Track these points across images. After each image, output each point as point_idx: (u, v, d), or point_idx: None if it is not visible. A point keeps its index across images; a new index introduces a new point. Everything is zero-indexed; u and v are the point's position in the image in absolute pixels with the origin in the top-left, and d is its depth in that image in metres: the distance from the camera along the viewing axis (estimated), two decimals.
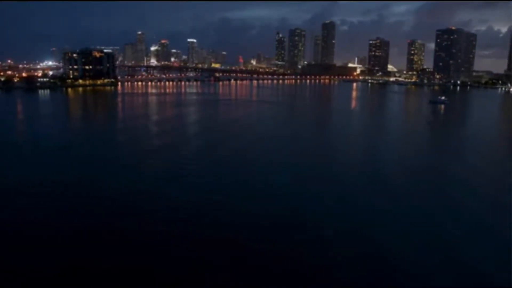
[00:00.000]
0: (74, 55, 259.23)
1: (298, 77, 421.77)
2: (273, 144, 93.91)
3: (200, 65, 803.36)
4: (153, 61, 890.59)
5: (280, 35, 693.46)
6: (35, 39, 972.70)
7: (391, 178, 69.39)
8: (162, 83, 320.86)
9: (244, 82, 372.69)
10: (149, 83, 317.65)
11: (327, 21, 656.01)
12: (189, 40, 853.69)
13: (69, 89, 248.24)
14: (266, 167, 72.61)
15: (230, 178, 65.46)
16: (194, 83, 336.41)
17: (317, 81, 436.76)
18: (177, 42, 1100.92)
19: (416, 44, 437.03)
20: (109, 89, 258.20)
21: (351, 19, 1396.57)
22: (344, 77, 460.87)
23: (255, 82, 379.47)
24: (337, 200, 56.60)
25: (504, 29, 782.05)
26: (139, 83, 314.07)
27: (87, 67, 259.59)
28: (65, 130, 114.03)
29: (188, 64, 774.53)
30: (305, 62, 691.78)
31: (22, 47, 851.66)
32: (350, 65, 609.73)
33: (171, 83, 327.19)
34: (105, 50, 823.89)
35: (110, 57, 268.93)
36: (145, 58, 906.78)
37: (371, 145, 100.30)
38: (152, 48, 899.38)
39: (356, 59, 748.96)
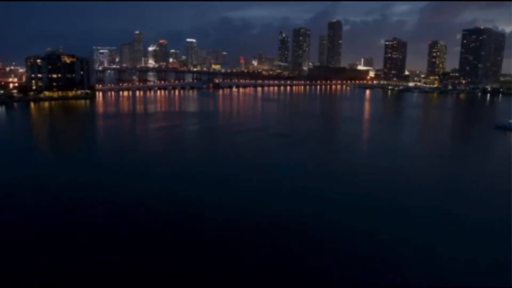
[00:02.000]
0: (38, 60, 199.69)
1: (308, 82, 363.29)
2: None
3: (199, 67, 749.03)
4: (151, 62, 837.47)
5: (284, 35, 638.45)
6: (32, 39, 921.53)
7: None
8: (153, 93, 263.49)
9: (248, 89, 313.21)
10: (138, 92, 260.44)
11: (333, 20, 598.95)
12: (188, 40, 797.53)
13: (32, 104, 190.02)
14: None
15: None
16: (191, 92, 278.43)
17: (328, 87, 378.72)
18: (177, 42, 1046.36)
19: (439, 45, 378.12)
20: (83, 104, 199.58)
21: (354, 18, 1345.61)
22: (357, 81, 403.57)
23: (259, 89, 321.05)
24: None
25: (508, 29, 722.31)
26: (126, 93, 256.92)
27: (54, 76, 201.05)
28: None
29: (185, 68, 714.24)
30: (310, 64, 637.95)
31: (20, 47, 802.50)
32: (360, 67, 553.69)
33: (163, 92, 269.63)
34: (101, 50, 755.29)
35: (85, 63, 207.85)
36: (143, 58, 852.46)
37: None
38: (150, 49, 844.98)
39: (362, 60, 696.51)
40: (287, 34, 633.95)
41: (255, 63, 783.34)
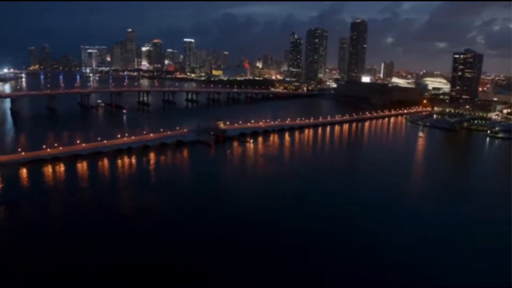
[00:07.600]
0: None
1: (354, 116, 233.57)
2: None
3: (197, 71, 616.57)
4: (145, 63, 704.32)
5: (296, 36, 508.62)
6: (21, 37, 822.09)
7: None
8: (108, 163, 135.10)
9: (271, 141, 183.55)
10: (80, 165, 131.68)
11: (358, 20, 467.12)
12: (186, 40, 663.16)
13: None
14: None
15: None
16: (179, 156, 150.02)
17: (380, 120, 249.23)
18: (177, 40, 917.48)
19: None
20: None
21: (361, 16, 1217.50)
22: (414, 110, 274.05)
23: (287, 137, 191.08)
24: None
25: None
26: (58, 168, 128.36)
27: None
28: None
29: (177, 75, 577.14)
30: (327, 70, 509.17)
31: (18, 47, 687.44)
32: (397, 81, 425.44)
33: (129, 160, 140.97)
34: (90, 50, 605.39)
35: None
36: (135, 59, 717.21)
37: None
38: (144, 49, 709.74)
39: (382, 65, 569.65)
40: (299, 35, 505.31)
41: (259, 65, 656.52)
